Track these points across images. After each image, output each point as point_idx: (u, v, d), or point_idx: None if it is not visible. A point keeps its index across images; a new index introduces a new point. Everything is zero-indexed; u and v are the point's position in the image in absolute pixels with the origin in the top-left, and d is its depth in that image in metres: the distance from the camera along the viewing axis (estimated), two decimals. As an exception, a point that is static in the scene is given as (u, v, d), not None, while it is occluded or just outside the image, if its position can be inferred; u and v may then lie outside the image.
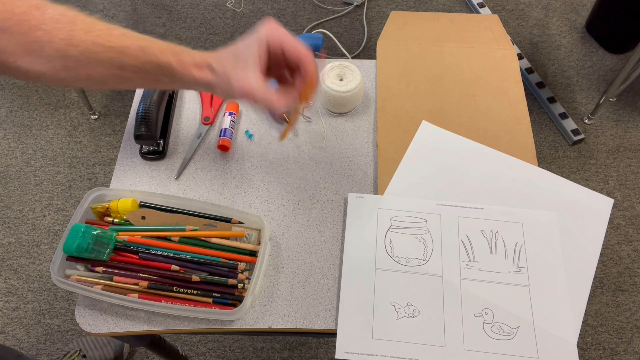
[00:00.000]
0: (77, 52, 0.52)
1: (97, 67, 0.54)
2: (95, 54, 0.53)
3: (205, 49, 1.73)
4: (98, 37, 0.52)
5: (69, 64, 0.52)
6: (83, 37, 0.51)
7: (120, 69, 0.54)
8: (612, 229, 1.45)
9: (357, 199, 0.68)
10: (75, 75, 0.54)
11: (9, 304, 1.35)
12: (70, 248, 0.58)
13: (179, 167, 0.72)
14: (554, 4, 1.95)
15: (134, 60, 0.54)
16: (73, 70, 0.53)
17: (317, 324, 0.60)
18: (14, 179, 1.55)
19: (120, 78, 0.55)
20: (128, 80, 0.56)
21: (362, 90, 0.75)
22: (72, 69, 0.53)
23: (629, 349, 1.29)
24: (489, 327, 0.59)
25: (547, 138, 1.62)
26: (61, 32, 0.51)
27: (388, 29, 0.86)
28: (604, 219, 0.66)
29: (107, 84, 0.56)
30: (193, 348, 1.29)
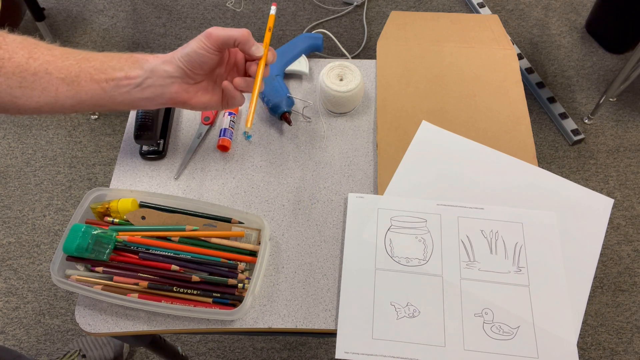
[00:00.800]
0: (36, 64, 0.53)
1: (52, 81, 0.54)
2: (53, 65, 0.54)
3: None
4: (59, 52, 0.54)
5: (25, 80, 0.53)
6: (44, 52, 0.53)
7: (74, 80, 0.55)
8: (612, 229, 1.45)
9: (357, 199, 0.68)
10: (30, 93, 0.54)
11: (9, 304, 1.35)
12: (70, 248, 0.58)
13: (179, 167, 0.72)
14: (554, 4, 1.95)
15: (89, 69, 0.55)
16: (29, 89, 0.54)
17: (317, 324, 0.60)
18: (14, 179, 1.55)
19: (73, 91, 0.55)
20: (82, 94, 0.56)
21: (362, 90, 0.75)
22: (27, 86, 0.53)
23: (629, 349, 1.29)
24: (489, 327, 0.59)
25: (547, 138, 1.62)
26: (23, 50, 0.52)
27: (388, 29, 0.86)
28: (604, 219, 0.66)
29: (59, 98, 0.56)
30: (193, 348, 1.29)
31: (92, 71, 0.55)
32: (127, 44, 1.84)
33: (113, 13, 1.93)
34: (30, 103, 0.54)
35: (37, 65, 0.53)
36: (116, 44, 1.84)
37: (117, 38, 1.86)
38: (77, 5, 1.95)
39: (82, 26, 1.89)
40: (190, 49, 0.55)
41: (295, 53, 0.79)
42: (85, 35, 1.86)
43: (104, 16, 1.91)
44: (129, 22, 1.90)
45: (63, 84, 0.55)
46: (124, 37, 1.86)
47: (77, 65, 0.54)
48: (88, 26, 1.89)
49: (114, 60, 0.56)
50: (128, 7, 1.94)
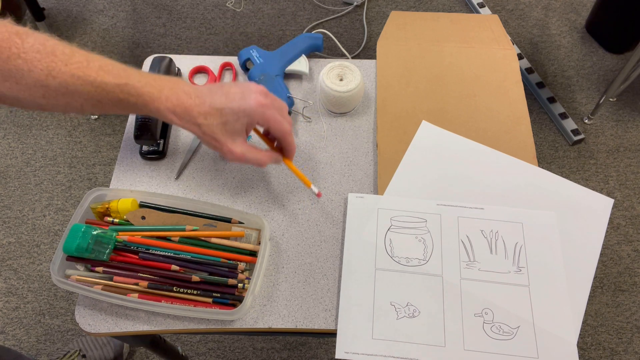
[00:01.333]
0: (56, 83, 0.52)
1: (75, 97, 0.55)
2: (73, 86, 0.53)
3: (205, 49, 1.73)
4: (77, 70, 0.53)
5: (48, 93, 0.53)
6: (62, 69, 0.52)
7: (98, 101, 0.56)
8: (612, 229, 1.45)
9: (357, 199, 0.68)
10: (54, 103, 0.54)
11: (9, 304, 1.35)
12: (70, 248, 0.58)
13: (179, 167, 0.72)
14: (554, 4, 1.95)
15: (111, 95, 0.55)
16: (51, 99, 0.54)
17: (317, 324, 0.60)
18: (14, 179, 1.55)
19: (98, 108, 0.57)
20: (106, 110, 0.57)
21: (362, 90, 0.75)
22: (50, 97, 0.54)
23: (629, 349, 1.29)
24: (489, 327, 0.59)
25: (547, 138, 1.62)
26: (41, 63, 0.51)
27: (388, 29, 0.86)
28: (604, 219, 0.66)
29: (84, 111, 0.57)
30: (193, 348, 1.29)
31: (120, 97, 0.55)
32: (127, 44, 1.84)
33: (113, 13, 1.93)
34: (56, 109, 0.56)
35: (56, 83, 0.52)
36: (116, 44, 1.84)
37: (117, 38, 1.86)
38: (77, 5, 1.95)
39: (82, 26, 1.89)
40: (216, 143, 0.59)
41: (295, 53, 0.79)
42: (85, 35, 1.86)
43: (104, 16, 1.92)
44: (129, 22, 1.90)
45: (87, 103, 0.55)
46: (124, 37, 1.86)
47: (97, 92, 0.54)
48: (88, 26, 1.89)
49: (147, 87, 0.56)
50: (128, 7, 1.94)
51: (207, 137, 0.58)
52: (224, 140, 0.58)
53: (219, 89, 0.58)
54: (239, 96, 0.57)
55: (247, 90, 0.58)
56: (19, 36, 0.51)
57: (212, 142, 0.58)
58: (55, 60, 0.52)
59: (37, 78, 0.51)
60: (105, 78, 0.54)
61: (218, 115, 0.56)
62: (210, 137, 0.57)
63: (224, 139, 0.58)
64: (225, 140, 0.58)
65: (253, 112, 0.57)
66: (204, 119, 0.56)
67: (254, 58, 0.78)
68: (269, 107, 0.58)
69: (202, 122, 0.56)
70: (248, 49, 0.79)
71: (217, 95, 0.57)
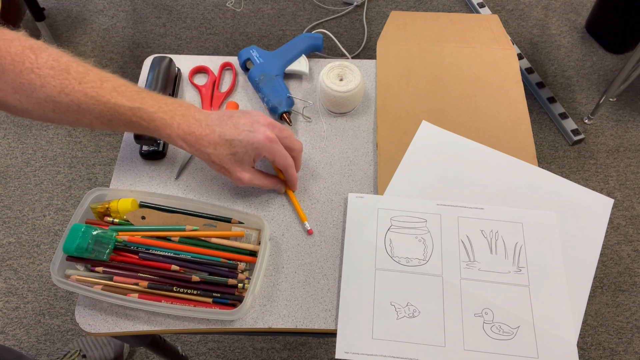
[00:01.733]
0: (69, 100, 0.53)
1: (86, 115, 0.55)
2: (86, 105, 0.54)
3: (205, 49, 1.73)
4: (90, 89, 0.54)
5: (58, 109, 0.53)
6: (75, 87, 0.53)
7: (109, 120, 0.56)
8: (612, 229, 1.45)
9: (357, 199, 0.68)
10: (63, 118, 0.55)
11: (9, 304, 1.35)
12: (70, 248, 0.58)
13: (179, 167, 0.72)
14: (554, 4, 1.95)
15: (123, 117, 0.56)
16: (61, 114, 0.54)
17: (317, 324, 0.60)
18: (14, 179, 1.55)
19: (108, 127, 0.58)
20: (115, 129, 0.58)
21: (362, 90, 0.75)
22: (60, 112, 0.54)
23: (629, 349, 1.29)
24: (489, 327, 0.59)
25: (547, 138, 1.62)
26: (54, 79, 0.52)
27: (388, 29, 0.86)
28: (604, 219, 0.66)
29: (93, 127, 0.58)
30: (193, 348, 1.29)
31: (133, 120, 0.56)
32: (127, 44, 1.84)
33: (113, 13, 1.93)
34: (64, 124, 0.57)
35: (68, 100, 0.53)
36: (116, 44, 1.84)
37: (117, 38, 1.86)
38: (77, 5, 1.95)
39: (82, 26, 1.89)
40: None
41: (295, 53, 0.79)
42: (85, 35, 1.86)
43: (104, 16, 1.92)
44: (129, 22, 1.90)
45: (97, 121, 0.56)
46: (124, 37, 1.86)
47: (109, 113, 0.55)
48: (88, 26, 1.89)
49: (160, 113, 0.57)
50: (128, 7, 1.94)
51: (216, 166, 0.60)
52: (233, 169, 0.60)
53: (228, 119, 0.59)
54: (248, 128, 0.59)
55: (255, 123, 0.59)
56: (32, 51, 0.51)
57: (221, 170, 0.61)
58: (68, 78, 0.52)
59: (49, 94, 0.52)
60: (118, 100, 0.54)
61: (227, 146, 0.58)
62: (219, 165, 0.60)
63: (232, 168, 0.60)
64: (234, 169, 0.60)
65: (261, 146, 0.59)
66: (214, 148, 0.58)
67: (254, 58, 0.78)
68: (276, 142, 0.60)
69: (211, 151, 0.58)
70: (248, 49, 0.79)
71: (227, 126, 0.58)
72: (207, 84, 0.80)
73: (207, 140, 0.58)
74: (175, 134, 0.57)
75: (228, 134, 0.58)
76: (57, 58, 0.52)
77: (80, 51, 1.82)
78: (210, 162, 0.60)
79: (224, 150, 0.59)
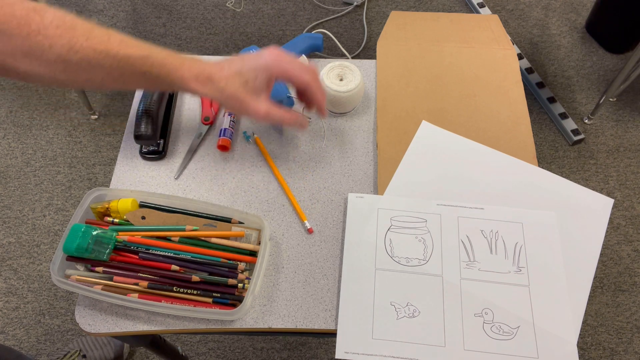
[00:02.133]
0: (78, 57, 0.52)
1: (97, 72, 0.55)
2: (96, 60, 0.53)
3: (205, 49, 1.73)
4: (98, 44, 0.53)
5: (69, 68, 0.53)
6: (84, 44, 0.52)
7: (120, 75, 0.56)
8: (612, 229, 1.45)
9: (357, 199, 0.68)
10: (74, 78, 0.54)
11: (9, 304, 1.35)
12: (70, 248, 0.58)
13: (179, 167, 0.72)
14: (554, 4, 1.95)
15: (133, 69, 0.56)
16: (72, 74, 0.54)
17: (317, 324, 0.60)
18: (14, 179, 1.55)
19: (119, 83, 0.57)
20: (127, 84, 0.57)
21: (362, 90, 0.75)
22: (71, 72, 0.53)
23: (629, 349, 1.29)
24: (489, 327, 0.59)
25: (547, 138, 1.62)
26: (62, 38, 0.51)
27: (388, 29, 0.86)
28: (604, 219, 0.66)
29: (106, 86, 0.57)
30: (193, 348, 1.29)
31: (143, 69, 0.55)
32: (127, 44, 1.84)
33: (113, 13, 1.93)
34: (76, 85, 0.56)
35: (78, 58, 0.52)
36: (116, 44, 1.84)
37: (117, 38, 1.85)
38: (77, 5, 1.95)
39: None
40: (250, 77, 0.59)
41: (295, 53, 0.79)
42: (85, 35, 1.86)
43: (104, 16, 1.91)
44: (129, 22, 1.90)
45: (108, 78, 0.55)
46: (124, 37, 1.86)
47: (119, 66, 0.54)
48: (88, 26, 1.89)
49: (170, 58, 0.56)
50: (128, 7, 1.94)
51: (231, 101, 0.59)
52: (248, 99, 0.58)
53: (235, 58, 0.60)
54: (254, 57, 0.59)
55: (260, 52, 0.60)
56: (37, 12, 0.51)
57: (236, 104, 0.59)
58: (76, 35, 0.52)
59: (58, 53, 0.51)
60: (127, 51, 0.54)
61: (238, 76, 0.58)
62: (234, 99, 0.58)
63: (247, 98, 0.58)
64: (249, 100, 0.59)
65: (270, 65, 0.58)
66: (225, 82, 0.58)
67: (254, 58, 0.78)
68: (284, 59, 0.59)
69: (223, 85, 0.57)
70: (248, 49, 0.79)
71: (234, 61, 0.59)
72: (207, 84, 0.79)
73: (219, 75, 0.58)
74: (188, 75, 0.57)
75: (236, 66, 0.58)
76: (62, 17, 0.52)
77: (80, 51, 1.82)
78: (225, 98, 0.59)
79: (235, 81, 0.58)
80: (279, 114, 0.61)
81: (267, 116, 0.60)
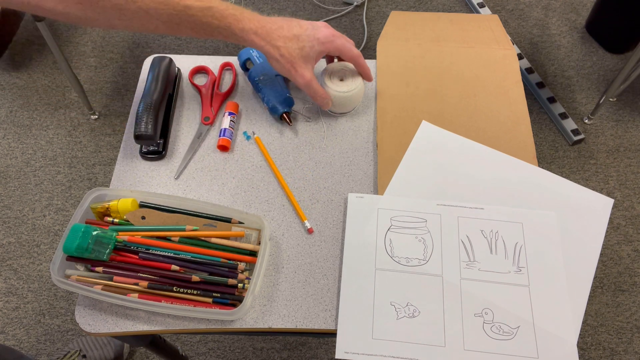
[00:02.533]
0: (136, 7, 0.54)
1: (152, 20, 0.56)
2: (154, 10, 0.55)
3: (205, 48, 1.73)
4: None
5: (124, 16, 0.54)
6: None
7: (177, 24, 0.57)
8: (612, 229, 1.45)
9: (357, 199, 0.68)
10: (128, 24, 0.56)
11: (9, 304, 1.35)
12: (70, 248, 0.58)
13: (179, 167, 0.72)
14: (554, 4, 1.95)
15: (193, 19, 0.57)
16: (127, 21, 0.55)
17: (317, 324, 0.60)
18: (14, 179, 1.55)
19: (173, 30, 0.59)
20: (180, 32, 0.59)
21: (362, 90, 0.75)
22: (126, 19, 0.55)
23: (629, 349, 1.29)
24: (489, 327, 0.59)
25: (547, 138, 1.62)
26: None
27: (388, 29, 0.86)
28: (604, 219, 0.66)
29: (157, 32, 0.59)
30: (193, 348, 1.29)
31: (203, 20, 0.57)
32: (127, 43, 1.84)
33: (113, 13, 1.92)
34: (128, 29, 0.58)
35: (136, 7, 0.53)
36: (116, 44, 1.84)
37: (117, 38, 1.86)
38: (77, 5, 1.95)
39: (82, 26, 1.89)
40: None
41: (295, 53, 0.79)
42: (85, 35, 1.86)
43: (104, 16, 1.91)
44: (129, 22, 1.90)
45: (163, 25, 0.57)
46: (124, 37, 1.86)
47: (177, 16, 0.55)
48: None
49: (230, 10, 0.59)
50: (128, 7, 1.94)
51: (283, 59, 0.62)
52: (299, 64, 0.63)
53: (290, 21, 0.64)
54: (311, 27, 0.64)
55: (315, 24, 0.65)
56: None
57: (287, 64, 0.63)
58: None
59: (115, 3, 0.53)
60: (187, 2, 0.56)
61: (296, 40, 0.62)
62: (287, 59, 0.62)
63: (299, 62, 0.63)
64: (300, 64, 0.64)
65: (326, 40, 0.64)
66: (284, 42, 0.61)
67: (253, 58, 0.78)
68: (338, 37, 0.66)
69: (281, 44, 0.61)
70: (248, 48, 0.79)
71: (292, 25, 0.63)
72: (207, 84, 0.80)
73: (278, 34, 0.61)
74: (248, 27, 0.60)
75: (296, 30, 0.63)
76: None
77: (80, 51, 1.82)
78: (279, 55, 0.62)
79: (293, 44, 0.62)
80: (317, 87, 0.67)
81: (309, 84, 0.65)
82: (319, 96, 0.69)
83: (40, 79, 1.76)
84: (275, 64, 0.64)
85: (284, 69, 0.64)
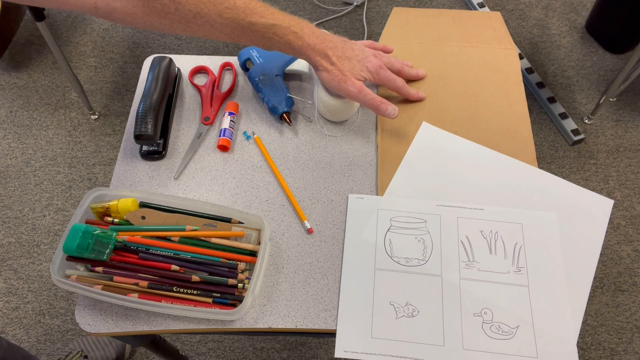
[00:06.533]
0: (202, 21, 0.57)
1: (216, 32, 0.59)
2: (219, 24, 0.58)
3: (205, 48, 1.73)
4: (225, 10, 0.57)
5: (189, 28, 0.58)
6: (210, 9, 0.57)
7: (239, 37, 0.60)
8: (612, 229, 1.45)
9: (357, 200, 0.68)
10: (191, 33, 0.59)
11: (9, 304, 1.35)
12: (70, 248, 0.58)
13: (179, 167, 0.72)
14: (554, 4, 1.95)
15: (256, 34, 0.60)
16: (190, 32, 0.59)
17: (317, 324, 0.60)
18: (14, 179, 1.55)
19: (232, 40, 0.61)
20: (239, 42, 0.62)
21: None
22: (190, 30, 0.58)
23: (629, 349, 1.29)
24: (488, 326, 0.59)
25: (547, 138, 1.62)
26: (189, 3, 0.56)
27: (390, 26, 0.85)
28: (603, 221, 0.66)
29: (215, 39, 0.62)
30: (193, 348, 1.29)
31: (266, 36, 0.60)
32: (127, 44, 1.84)
33: (113, 13, 1.92)
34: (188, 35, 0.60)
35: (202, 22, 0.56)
36: (116, 44, 1.84)
37: (117, 38, 1.86)
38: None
39: (82, 26, 1.89)
40: None
41: (295, 53, 0.79)
42: (85, 35, 1.86)
43: (104, 16, 1.91)
44: (129, 22, 1.90)
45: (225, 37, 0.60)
46: (124, 37, 1.86)
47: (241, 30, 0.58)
48: (88, 26, 1.89)
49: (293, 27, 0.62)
50: (128, 7, 1.94)
51: (336, 70, 0.65)
52: (349, 77, 0.66)
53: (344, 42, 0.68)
54: (361, 54, 0.68)
55: (364, 51, 0.69)
56: None
57: (339, 75, 0.66)
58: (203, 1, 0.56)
59: (183, 17, 0.56)
60: (252, 18, 0.59)
61: (347, 61, 0.66)
62: (339, 71, 0.66)
63: (348, 76, 0.66)
64: (349, 78, 0.66)
65: (374, 71, 0.68)
66: (337, 59, 0.66)
67: (253, 58, 0.78)
68: (383, 69, 0.70)
69: (335, 61, 0.65)
70: (248, 48, 0.79)
71: (346, 45, 0.67)
72: (207, 84, 0.80)
73: (333, 53, 0.65)
74: (306, 43, 0.63)
75: (348, 53, 0.67)
76: None
77: (80, 51, 1.82)
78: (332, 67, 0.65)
79: (345, 63, 0.66)
80: (370, 94, 0.68)
81: (362, 90, 0.67)
82: (377, 102, 0.68)
83: (40, 79, 1.76)
84: (325, 75, 0.66)
85: (335, 79, 0.66)
